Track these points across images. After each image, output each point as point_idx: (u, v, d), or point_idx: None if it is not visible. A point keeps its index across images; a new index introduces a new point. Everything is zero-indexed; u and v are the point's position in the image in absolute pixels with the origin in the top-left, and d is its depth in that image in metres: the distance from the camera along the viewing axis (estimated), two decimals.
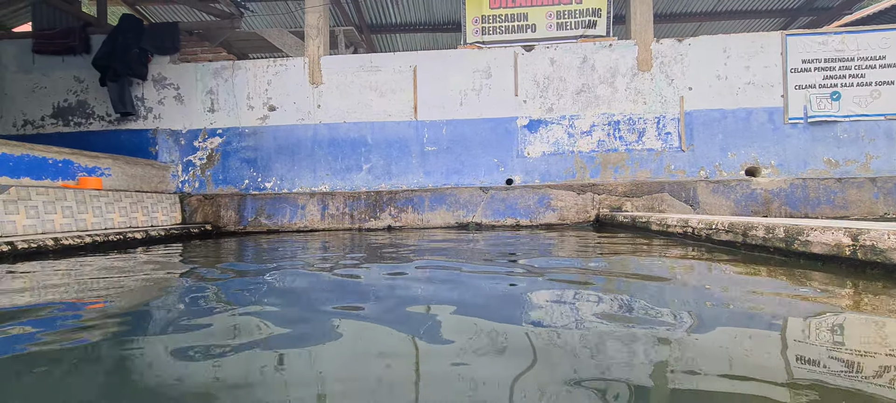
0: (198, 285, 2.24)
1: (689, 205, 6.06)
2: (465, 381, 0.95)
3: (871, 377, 0.94)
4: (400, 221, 6.34)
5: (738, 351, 1.10)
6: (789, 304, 1.56)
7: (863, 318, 1.37)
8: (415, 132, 6.51)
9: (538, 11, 6.55)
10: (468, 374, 0.98)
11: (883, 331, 1.24)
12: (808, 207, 5.92)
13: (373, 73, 6.56)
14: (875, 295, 1.62)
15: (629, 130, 6.30)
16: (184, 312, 1.67)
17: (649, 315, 1.45)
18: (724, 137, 6.18)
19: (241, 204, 6.49)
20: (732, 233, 2.94)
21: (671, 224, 3.87)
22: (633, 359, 1.06)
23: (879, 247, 1.87)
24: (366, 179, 6.55)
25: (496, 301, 1.72)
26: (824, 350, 1.10)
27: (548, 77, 6.39)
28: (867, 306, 1.49)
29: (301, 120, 6.59)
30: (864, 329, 1.27)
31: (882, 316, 1.37)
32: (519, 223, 6.25)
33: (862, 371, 0.97)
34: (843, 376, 0.94)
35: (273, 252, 3.73)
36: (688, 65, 6.22)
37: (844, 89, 6.04)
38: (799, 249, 2.34)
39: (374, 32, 9.92)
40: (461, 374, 0.98)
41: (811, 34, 6.12)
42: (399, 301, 1.74)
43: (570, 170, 6.36)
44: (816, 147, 6.07)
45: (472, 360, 1.07)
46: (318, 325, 1.42)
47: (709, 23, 9.93)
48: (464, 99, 6.47)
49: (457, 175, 6.47)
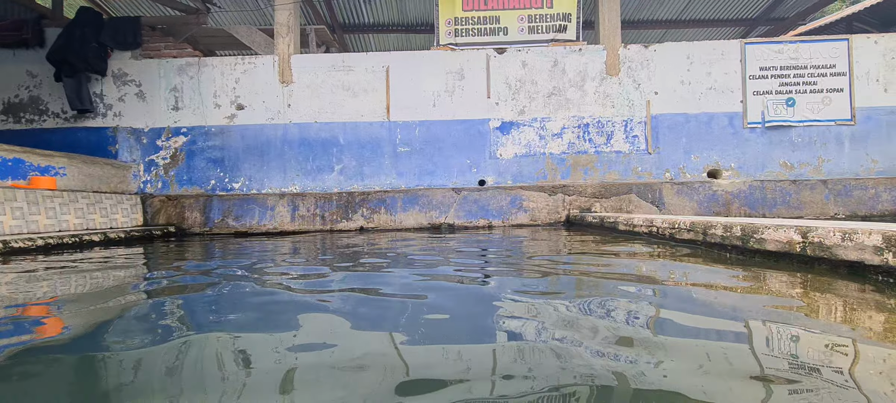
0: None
1: (655, 206, 6.24)
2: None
3: (817, 362, 0.99)
4: (372, 222, 6.28)
5: (694, 340, 1.14)
6: (742, 298, 1.62)
7: (811, 309, 1.43)
8: (387, 133, 6.47)
9: (510, 14, 6.63)
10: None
11: (829, 320, 1.30)
12: (765, 208, 6.19)
13: (345, 73, 6.49)
14: (822, 291, 1.71)
15: (598, 133, 6.44)
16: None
17: (613, 305, 1.48)
18: (688, 140, 6.40)
19: (206, 206, 6.29)
20: (693, 232, 3.04)
21: (637, 224, 3.98)
22: (601, 345, 1.08)
23: (826, 244, 1.97)
24: (338, 180, 6.46)
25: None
26: (778, 342, 1.14)
27: (520, 80, 6.47)
28: (816, 298, 1.57)
29: (270, 119, 6.45)
30: (813, 319, 1.34)
31: (829, 307, 1.44)
32: (491, 224, 6.29)
33: (811, 360, 1.02)
34: (797, 364, 0.98)
35: (235, 255, 3.62)
36: (654, 70, 6.41)
37: (799, 96, 6.35)
38: (754, 247, 2.44)
39: (347, 32, 9.82)
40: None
41: (768, 43, 6.42)
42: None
43: (541, 172, 6.45)
44: (773, 150, 6.36)
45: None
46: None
47: (674, 30, 10.28)
48: (437, 100, 6.47)
49: (429, 176, 6.47)
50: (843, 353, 1.06)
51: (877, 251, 1.72)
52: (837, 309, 1.44)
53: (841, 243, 1.89)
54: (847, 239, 1.86)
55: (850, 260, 1.86)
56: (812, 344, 1.12)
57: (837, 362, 1.00)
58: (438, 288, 1.97)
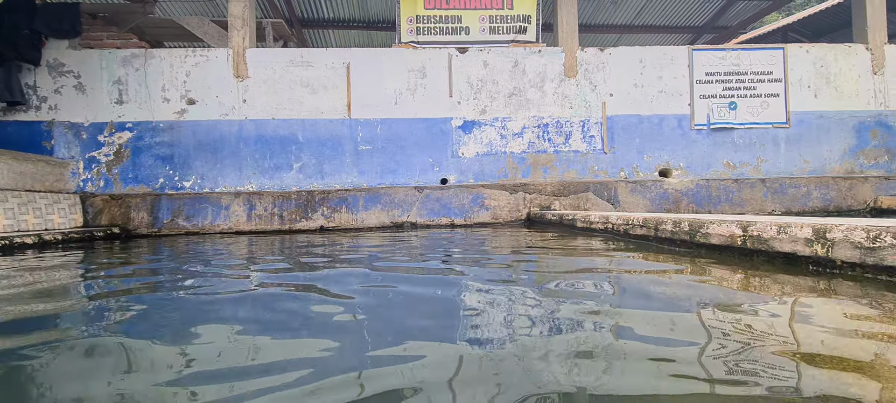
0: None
1: (610, 204, 6.48)
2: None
3: (758, 345, 1.06)
4: (333, 221, 6.16)
5: (646, 325, 1.19)
6: (689, 286, 1.71)
7: (751, 297, 1.53)
8: (348, 130, 6.37)
9: (472, 14, 6.68)
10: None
11: (766, 307, 1.40)
12: (711, 205, 6.56)
13: (304, 69, 6.32)
14: (760, 279, 1.83)
15: (557, 133, 6.61)
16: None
17: (573, 295, 1.53)
18: (641, 141, 6.68)
19: (155, 205, 5.96)
20: (646, 228, 3.18)
21: (594, 221, 4.12)
22: (562, 332, 1.11)
23: (764, 237, 2.11)
24: (296, 178, 6.29)
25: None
26: (722, 326, 1.21)
27: (481, 79, 6.53)
28: (754, 286, 1.68)
29: (224, 115, 6.19)
30: (753, 306, 1.43)
31: (766, 295, 1.55)
32: (453, 222, 6.32)
33: (752, 343, 1.09)
34: (739, 346, 1.05)
35: (180, 257, 3.46)
36: (609, 73, 6.65)
37: (740, 100, 6.77)
38: (700, 240, 2.58)
39: (306, 27, 9.58)
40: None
41: (713, 50, 6.80)
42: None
43: (502, 170, 6.54)
44: (718, 151, 6.75)
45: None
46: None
47: (628, 35, 10.70)
48: (399, 98, 6.43)
49: (392, 174, 6.42)
50: (777, 333, 1.14)
51: (807, 243, 1.87)
52: (773, 293, 1.55)
53: (777, 236, 2.03)
54: (782, 233, 2.00)
55: (784, 252, 2.00)
56: (749, 323, 1.20)
57: (769, 336, 1.08)
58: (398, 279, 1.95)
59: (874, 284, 1.58)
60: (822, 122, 6.81)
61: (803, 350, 1.02)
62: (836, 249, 1.74)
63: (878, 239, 1.58)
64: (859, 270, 1.67)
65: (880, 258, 1.58)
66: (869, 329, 1.16)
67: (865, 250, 1.62)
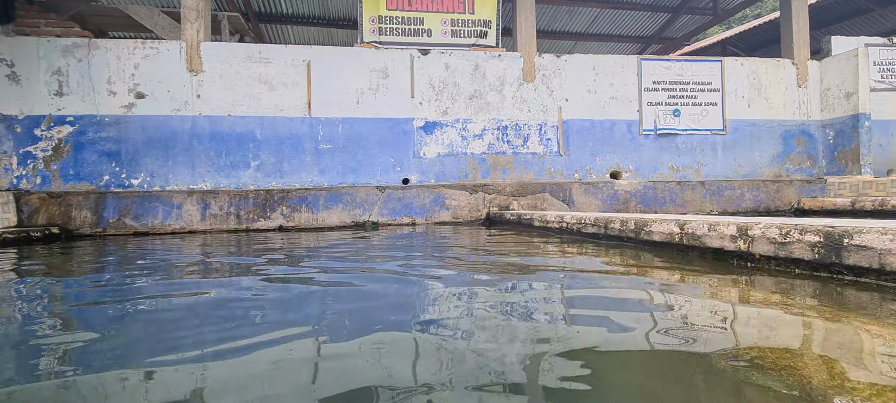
0: None
1: (566, 204, 6.77)
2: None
3: (695, 327, 1.22)
4: (293, 221, 6.08)
5: (595, 306, 1.33)
6: (632, 279, 1.89)
7: (687, 287, 1.72)
8: (309, 129, 6.30)
9: (433, 17, 6.78)
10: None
11: (696, 292, 1.58)
12: (657, 205, 7.00)
13: (262, 65, 6.20)
14: (695, 273, 2.04)
15: (516, 135, 6.83)
16: None
17: (529, 288, 1.65)
18: (594, 144, 7.02)
19: (99, 204, 5.66)
20: (597, 227, 3.40)
21: (550, 220, 4.32)
22: (520, 320, 1.22)
23: (697, 234, 2.34)
24: (254, 177, 6.15)
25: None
26: (662, 313, 1.37)
27: (443, 81, 6.65)
28: (689, 278, 1.87)
29: (177, 110, 5.96)
30: (688, 293, 1.61)
31: (698, 286, 1.74)
32: (415, 221, 6.40)
33: (688, 325, 1.25)
34: (679, 329, 1.20)
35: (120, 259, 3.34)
36: (565, 78, 6.95)
37: (683, 108, 7.26)
38: (645, 238, 2.80)
39: (264, 22, 9.34)
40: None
41: (659, 60, 7.26)
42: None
43: (463, 171, 6.69)
44: (663, 155, 7.20)
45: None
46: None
47: (584, 42, 11.17)
48: (360, 97, 6.43)
49: (353, 174, 6.41)
50: (709, 312, 1.31)
51: (733, 239, 2.10)
52: (702, 282, 1.74)
53: (708, 233, 2.26)
54: (712, 230, 2.23)
55: (714, 247, 2.23)
56: (685, 306, 1.37)
57: (700, 317, 1.24)
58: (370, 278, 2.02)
59: (785, 274, 1.81)
60: (754, 130, 7.42)
61: (723, 324, 1.19)
62: (755, 244, 1.97)
63: (788, 235, 1.81)
64: (773, 262, 1.91)
65: (789, 251, 1.81)
66: (771, 303, 1.35)
67: (778, 244, 1.86)
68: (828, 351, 1.02)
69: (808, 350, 1.04)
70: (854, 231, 1.58)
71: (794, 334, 1.15)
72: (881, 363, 0.94)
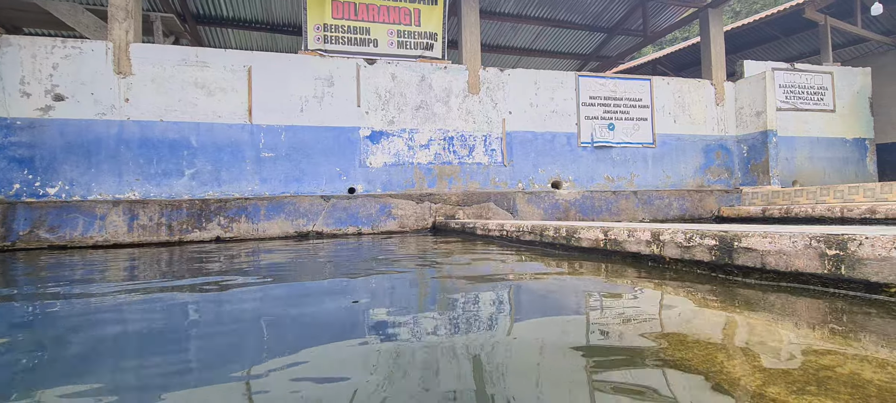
0: None
1: (510, 213, 6.98)
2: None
3: (616, 324, 1.33)
4: (231, 232, 5.84)
5: (528, 306, 1.42)
6: (561, 279, 2.01)
7: (610, 287, 1.86)
8: (250, 136, 6.10)
9: (380, 28, 6.82)
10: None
11: (616, 289, 1.72)
12: (594, 213, 7.38)
13: (199, 69, 5.95)
14: (617, 274, 2.20)
15: (462, 146, 6.98)
16: None
17: (468, 289, 1.72)
18: (536, 155, 7.31)
19: (8, 215, 5.16)
20: (533, 234, 3.56)
21: (491, 228, 4.46)
22: (464, 316, 1.28)
23: (619, 240, 2.52)
24: (189, 186, 5.86)
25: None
26: (579, 302, 1.48)
27: (389, 91, 6.68)
28: (613, 279, 2.02)
29: (102, 114, 5.58)
30: (613, 292, 1.74)
31: (622, 286, 1.89)
32: (361, 231, 6.35)
33: (609, 320, 1.36)
34: (605, 325, 1.30)
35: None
36: (509, 91, 7.20)
37: (617, 122, 7.74)
38: (575, 244, 2.97)
39: (202, 24, 8.96)
40: None
41: (595, 77, 7.71)
42: None
43: (409, 181, 6.73)
44: (599, 166, 7.63)
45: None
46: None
47: (527, 57, 11.62)
48: (305, 105, 6.32)
49: (297, 183, 6.27)
50: (629, 308, 1.44)
51: (647, 244, 2.29)
52: (620, 282, 1.89)
53: (627, 239, 2.45)
54: (631, 236, 2.42)
55: (633, 252, 2.42)
56: (607, 302, 1.49)
57: (622, 311, 1.36)
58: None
59: (689, 275, 2.01)
60: (680, 144, 8.04)
61: (634, 316, 1.31)
62: (665, 248, 2.17)
63: (691, 239, 2.01)
64: (680, 264, 2.10)
65: (693, 254, 2.01)
66: (673, 300, 1.50)
67: (683, 248, 2.05)
68: (701, 334, 1.16)
69: (690, 333, 1.17)
70: (742, 235, 1.78)
71: (682, 320, 1.30)
72: (734, 339, 1.09)
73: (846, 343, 1.09)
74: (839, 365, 0.95)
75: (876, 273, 1.38)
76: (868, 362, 0.97)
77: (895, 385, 0.85)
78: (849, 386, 0.84)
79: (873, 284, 1.39)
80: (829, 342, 1.11)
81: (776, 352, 1.06)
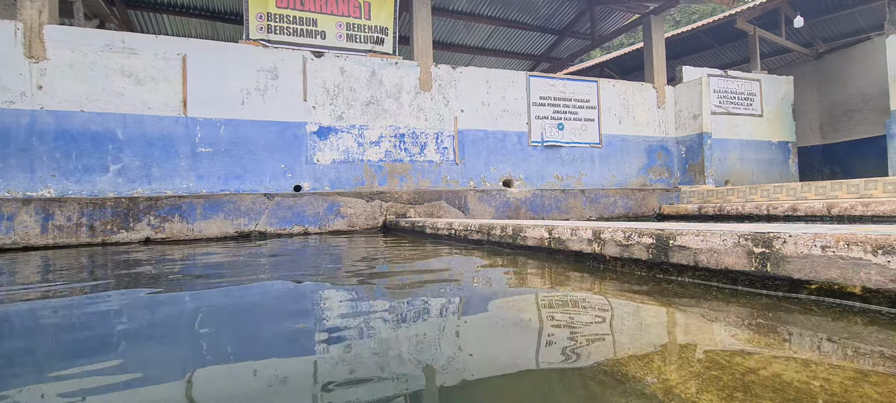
0: None
1: (461, 211, 6.96)
2: None
3: (558, 324, 1.28)
4: (163, 232, 5.42)
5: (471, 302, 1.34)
6: (506, 275, 1.97)
7: (553, 281, 1.83)
8: (184, 130, 5.69)
9: (328, 19, 6.57)
10: None
11: (558, 288, 1.69)
12: (544, 212, 7.51)
13: (127, 57, 5.47)
14: (561, 272, 2.19)
15: (413, 143, 6.87)
16: None
17: (416, 292, 1.63)
18: (488, 154, 7.34)
19: None
20: (481, 233, 3.52)
21: (440, 227, 4.39)
22: (415, 308, 1.18)
23: (562, 239, 2.52)
24: (114, 182, 5.38)
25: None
26: (526, 305, 1.43)
27: (338, 85, 6.46)
28: (558, 278, 2.00)
29: (10, 103, 5.00)
30: (555, 289, 1.71)
31: (563, 288, 1.86)
32: (307, 230, 6.09)
33: (553, 316, 1.31)
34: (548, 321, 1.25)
35: None
36: (461, 89, 7.17)
37: (566, 122, 7.91)
38: (520, 243, 2.96)
39: (132, 8, 8.29)
40: None
41: (546, 77, 7.84)
42: None
43: (359, 178, 6.54)
44: (549, 165, 7.77)
45: None
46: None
47: (481, 56, 11.67)
48: (246, 98, 5.98)
49: (238, 180, 5.92)
50: (572, 304, 1.40)
51: (589, 243, 2.30)
52: (567, 281, 1.87)
53: (571, 237, 2.45)
54: (574, 235, 2.42)
55: (575, 250, 2.42)
56: (546, 298, 1.44)
57: (562, 307, 1.32)
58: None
59: (628, 273, 2.02)
60: (625, 144, 8.34)
61: (568, 309, 1.27)
62: (606, 247, 2.18)
63: (630, 238, 2.03)
64: (620, 262, 2.12)
65: (631, 252, 2.03)
66: (605, 295, 1.49)
67: (623, 247, 2.07)
68: (624, 330, 1.14)
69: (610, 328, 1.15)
70: (677, 233, 1.81)
71: (608, 317, 1.28)
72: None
73: (770, 344, 1.10)
74: (763, 368, 0.94)
75: (798, 270, 1.43)
76: (790, 362, 0.97)
77: (814, 387, 0.84)
78: (771, 390, 0.83)
79: (796, 281, 1.44)
80: (754, 343, 1.11)
81: (706, 355, 1.05)
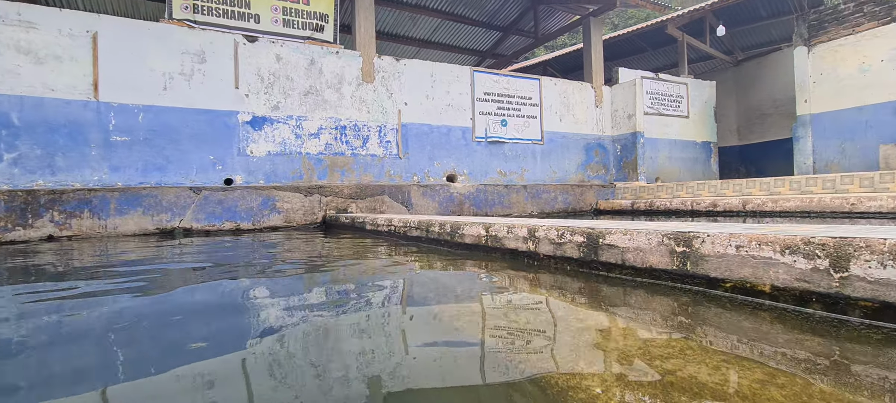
0: None
1: (404, 206, 6.85)
2: None
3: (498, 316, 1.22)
4: (70, 229, 4.87)
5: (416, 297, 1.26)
6: (448, 275, 1.90)
7: (494, 281, 1.78)
8: (95, 116, 5.13)
9: (262, 2, 6.19)
10: None
11: (504, 287, 1.64)
12: (487, 207, 7.58)
13: (24, 31, 4.84)
14: (499, 269, 2.16)
15: (355, 136, 6.66)
16: None
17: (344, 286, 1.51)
18: (432, 148, 7.27)
19: None
20: (419, 230, 3.45)
21: (380, 223, 4.27)
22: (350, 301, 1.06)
23: (499, 236, 2.51)
24: (9, 174, 4.75)
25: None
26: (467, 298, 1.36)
27: (274, 73, 6.10)
28: (496, 275, 1.97)
29: None
30: (496, 288, 1.66)
31: (507, 286, 1.83)
32: (239, 226, 5.73)
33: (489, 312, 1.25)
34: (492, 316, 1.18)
35: None
36: (404, 82, 7.04)
37: (510, 118, 8.02)
38: (459, 240, 2.92)
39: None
40: None
41: (490, 73, 7.88)
42: None
43: (297, 172, 6.24)
44: (493, 161, 7.84)
45: None
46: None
47: (427, 49, 11.56)
48: (169, 83, 5.50)
49: (159, 172, 5.44)
50: (505, 303, 1.35)
51: (524, 240, 2.29)
52: (505, 279, 1.84)
53: (507, 235, 2.44)
54: (510, 233, 2.41)
55: (511, 248, 2.41)
56: (489, 297, 1.39)
57: (500, 303, 1.27)
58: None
59: (560, 271, 2.03)
60: (565, 141, 8.60)
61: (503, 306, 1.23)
62: (540, 245, 2.18)
63: (563, 236, 2.04)
64: (553, 260, 2.13)
65: (564, 251, 2.04)
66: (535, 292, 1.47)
67: (556, 245, 2.08)
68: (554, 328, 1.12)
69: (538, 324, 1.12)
70: (606, 232, 1.83)
71: (532, 311, 1.25)
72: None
73: (688, 343, 1.12)
74: (680, 369, 0.94)
75: (715, 268, 1.48)
76: (705, 363, 0.98)
77: (727, 388, 0.85)
78: (688, 393, 0.83)
79: (713, 279, 1.49)
80: (673, 343, 1.12)
81: (628, 357, 1.04)
